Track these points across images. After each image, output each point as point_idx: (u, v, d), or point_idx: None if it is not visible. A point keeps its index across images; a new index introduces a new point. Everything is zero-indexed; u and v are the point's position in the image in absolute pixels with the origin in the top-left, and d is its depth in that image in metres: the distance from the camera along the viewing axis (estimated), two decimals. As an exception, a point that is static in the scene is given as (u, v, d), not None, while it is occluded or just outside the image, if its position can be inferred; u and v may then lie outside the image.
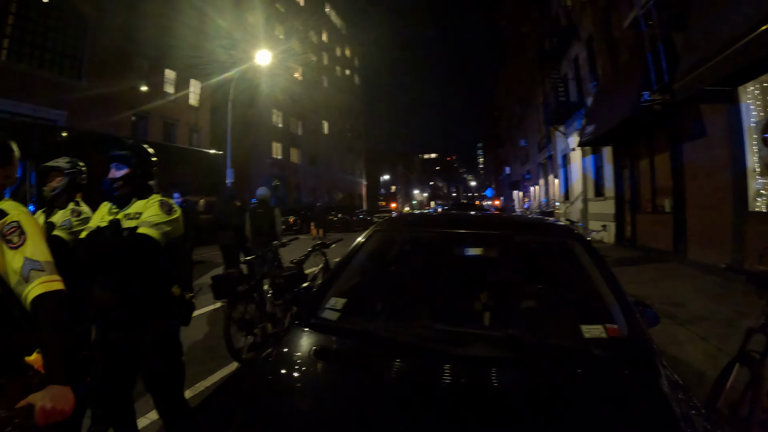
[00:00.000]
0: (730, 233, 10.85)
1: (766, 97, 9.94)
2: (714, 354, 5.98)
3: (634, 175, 18.20)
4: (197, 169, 20.97)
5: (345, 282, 3.33)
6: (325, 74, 68.63)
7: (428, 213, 5.93)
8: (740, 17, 8.16)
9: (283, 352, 2.51)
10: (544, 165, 39.82)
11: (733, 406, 3.56)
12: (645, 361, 2.35)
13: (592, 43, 21.85)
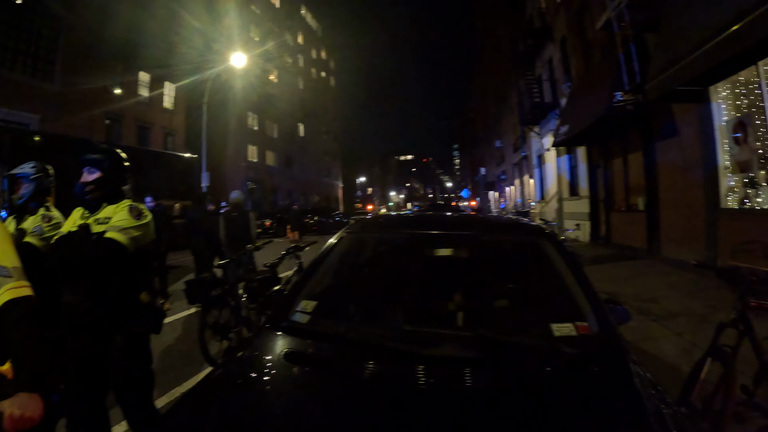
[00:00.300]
0: (702, 230, 11.06)
1: (736, 96, 10.16)
2: (688, 349, 6.07)
3: (608, 175, 18.44)
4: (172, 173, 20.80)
5: (316, 285, 3.32)
6: (300, 76, 68.16)
7: (402, 214, 5.93)
8: (711, 19, 8.31)
9: (254, 356, 2.49)
10: (519, 165, 40.11)
11: (706, 399, 3.62)
12: (615, 358, 2.38)
13: (566, 45, 22.11)
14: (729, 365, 3.58)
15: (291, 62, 64.31)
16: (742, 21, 7.25)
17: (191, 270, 11.22)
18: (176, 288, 9.27)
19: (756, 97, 9.29)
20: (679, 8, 10.48)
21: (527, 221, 4.63)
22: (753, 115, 9.48)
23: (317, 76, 75.99)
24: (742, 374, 4.01)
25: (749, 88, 9.60)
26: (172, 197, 19.21)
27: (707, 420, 3.55)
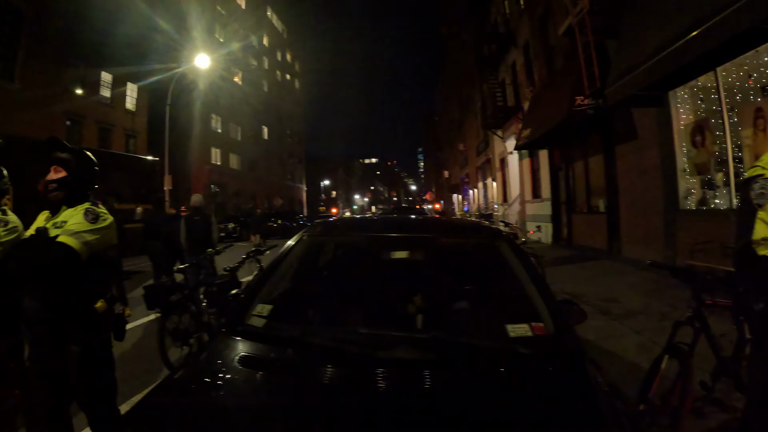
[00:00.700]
0: (662, 231, 11.37)
1: (694, 101, 10.47)
2: (648, 347, 6.16)
3: (570, 177, 18.75)
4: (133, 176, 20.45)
5: (273, 288, 3.29)
6: (265, 78, 67.55)
7: (363, 216, 5.92)
8: (669, 26, 8.53)
9: (208, 361, 2.46)
10: (482, 168, 40.49)
11: (665, 396, 3.68)
12: (570, 357, 2.41)
13: (529, 50, 22.44)
14: (685, 362, 3.64)
15: (256, 64, 63.65)
16: (699, 28, 7.46)
17: (151, 275, 11.04)
18: (136, 294, 9.08)
19: (714, 102, 9.59)
20: (638, 15, 10.75)
21: (485, 224, 4.66)
22: (711, 119, 9.80)
23: (282, 79, 75.39)
24: (701, 370, 4.12)
25: (707, 93, 9.90)
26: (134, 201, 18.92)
27: (666, 416, 3.59)
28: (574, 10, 13.22)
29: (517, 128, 22.90)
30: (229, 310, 3.12)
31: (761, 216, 2.64)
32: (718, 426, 4.00)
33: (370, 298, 3.31)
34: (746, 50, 8.24)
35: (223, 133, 54.01)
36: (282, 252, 3.51)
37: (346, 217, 7.78)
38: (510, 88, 27.23)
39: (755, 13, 6.34)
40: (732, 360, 3.89)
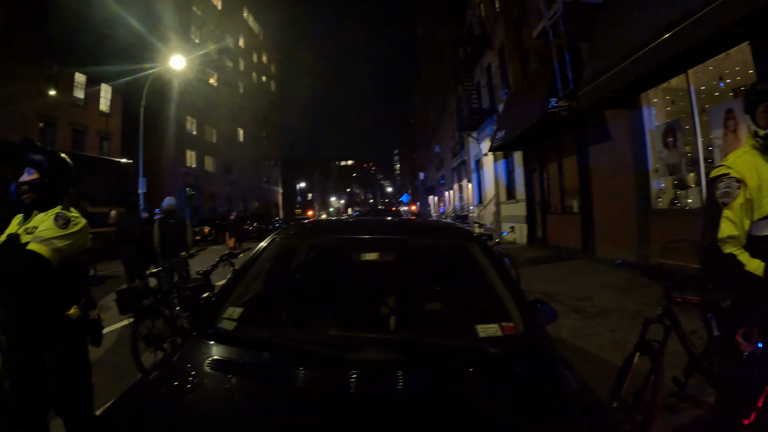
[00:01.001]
0: (635, 230, 11.54)
1: (666, 102, 10.68)
2: (622, 344, 6.20)
3: (544, 178, 18.96)
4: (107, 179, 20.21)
5: (245, 291, 3.26)
6: (241, 80, 66.88)
7: (337, 218, 5.90)
8: (641, 29, 8.69)
9: (179, 364, 2.43)
10: (458, 170, 40.66)
11: (637, 393, 3.74)
12: (540, 357, 2.43)
13: (504, 52, 22.63)
14: (656, 359, 3.69)
15: (231, 65, 63.05)
16: (670, 31, 7.62)
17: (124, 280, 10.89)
18: (109, 299, 8.91)
19: (685, 103, 9.79)
20: (611, 19, 10.92)
21: (458, 225, 4.68)
22: (682, 120, 10.00)
23: (258, 80, 74.78)
24: (674, 367, 4.20)
25: (679, 94, 10.12)
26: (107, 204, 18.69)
27: (639, 412, 3.65)
28: (548, 14, 13.35)
29: (492, 130, 23.06)
30: (199, 313, 3.09)
31: (726, 214, 2.68)
32: (691, 421, 4.05)
33: (343, 300, 3.30)
34: (717, 53, 8.44)
35: (198, 135, 53.29)
36: (254, 254, 3.48)
37: (319, 219, 7.69)
38: (485, 90, 27.44)
39: (726, 16, 6.50)
40: (704, 356, 3.93)
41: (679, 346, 3.99)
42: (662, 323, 3.91)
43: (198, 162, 52.80)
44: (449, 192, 47.58)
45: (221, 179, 58.05)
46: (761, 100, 2.73)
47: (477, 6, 27.60)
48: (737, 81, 8.41)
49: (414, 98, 75.96)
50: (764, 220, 2.67)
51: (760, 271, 2.57)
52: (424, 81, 58.27)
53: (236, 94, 64.22)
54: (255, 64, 74.08)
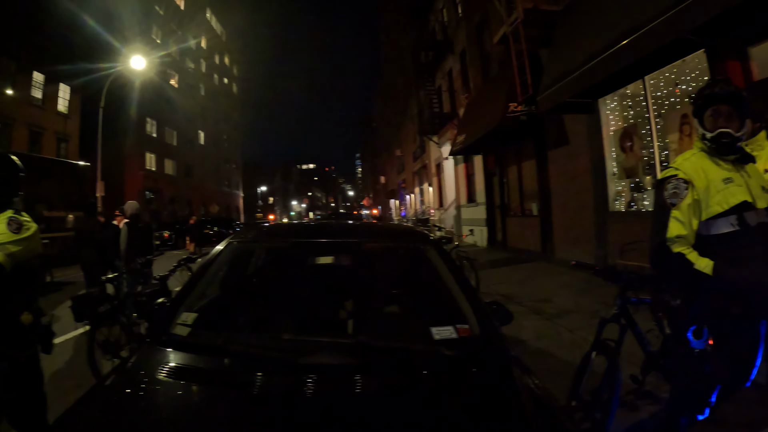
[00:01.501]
0: (593, 232, 11.78)
1: (623, 108, 10.94)
2: (581, 344, 6.21)
3: (504, 182, 19.19)
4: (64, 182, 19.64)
5: (200, 295, 3.21)
6: (202, 82, 65.93)
7: (295, 222, 5.81)
8: (600, 36, 8.90)
9: (132, 372, 2.37)
10: (419, 174, 40.86)
11: (595, 392, 3.77)
12: (496, 358, 2.45)
13: (465, 57, 22.88)
14: (612, 358, 3.75)
15: (193, 67, 62.08)
16: (628, 38, 7.80)
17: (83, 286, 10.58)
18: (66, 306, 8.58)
19: (642, 109, 10.06)
20: (571, 25, 11.16)
21: (416, 228, 4.69)
22: (639, 125, 10.27)
23: (220, 82, 73.82)
24: (632, 365, 4.28)
25: (636, 100, 10.38)
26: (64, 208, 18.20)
27: (598, 410, 3.69)
28: (509, 20, 13.51)
29: (452, 134, 23.29)
30: (153, 318, 3.04)
31: (675, 215, 2.76)
32: (649, 417, 4.09)
33: (300, 304, 3.29)
34: (673, 60, 8.70)
35: (158, 138, 52.22)
36: (209, 258, 3.41)
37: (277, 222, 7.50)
38: (446, 94, 27.71)
39: (682, 24, 6.68)
40: (660, 354, 4.01)
41: (637, 344, 4.06)
42: (618, 323, 3.95)
43: (158, 165, 51.70)
44: (410, 195, 47.72)
45: (181, 183, 57.00)
46: (708, 104, 2.83)
47: (440, 11, 27.82)
48: (693, 87, 8.66)
49: (376, 102, 76.03)
50: (712, 220, 2.76)
51: (709, 269, 2.65)
52: (387, 85, 58.36)
53: (197, 96, 63.22)
54: (217, 65, 73.12)
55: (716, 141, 2.80)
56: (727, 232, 2.75)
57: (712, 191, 2.76)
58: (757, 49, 7.22)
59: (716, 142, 2.80)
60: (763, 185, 2.91)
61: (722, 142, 2.79)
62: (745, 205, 2.75)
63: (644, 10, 7.52)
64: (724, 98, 2.79)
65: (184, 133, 59.01)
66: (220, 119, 71.29)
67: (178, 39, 53.64)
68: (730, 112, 2.78)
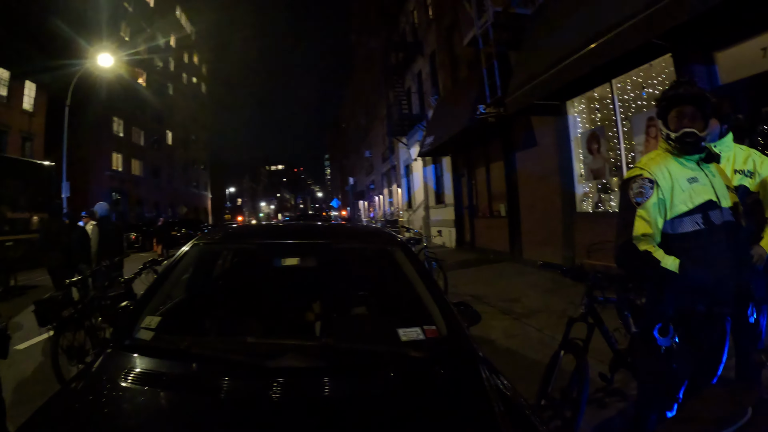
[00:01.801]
0: (560, 232, 11.91)
1: (591, 110, 11.11)
2: (549, 343, 6.31)
3: (472, 183, 19.36)
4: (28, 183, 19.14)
5: (164, 298, 3.14)
6: (171, 81, 64.76)
7: (261, 223, 5.75)
8: (568, 40, 9.01)
9: (95, 377, 2.30)
10: (387, 175, 40.92)
11: (564, 390, 3.81)
12: (463, 359, 2.43)
13: (435, 59, 22.99)
14: (581, 357, 3.78)
15: (161, 65, 60.99)
16: (596, 42, 7.93)
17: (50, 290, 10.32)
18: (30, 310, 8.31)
19: (609, 111, 10.23)
20: (540, 29, 11.30)
21: (384, 230, 4.68)
22: (606, 127, 10.45)
23: (188, 81, 72.62)
24: (600, 363, 4.33)
25: (603, 103, 10.55)
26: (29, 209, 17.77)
27: (568, 409, 3.73)
28: (479, 22, 13.60)
29: (421, 135, 23.33)
30: (116, 323, 2.98)
31: (640, 213, 2.80)
32: (618, 414, 4.19)
33: (268, 306, 3.26)
34: (641, 64, 8.86)
35: (125, 138, 51.08)
36: (173, 260, 3.34)
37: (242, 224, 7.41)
38: (415, 96, 27.81)
39: (650, 29, 6.81)
40: (628, 352, 4.05)
41: (605, 342, 4.11)
42: (585, 322, 4.00)
43: (124, 165, 50.55)
44: (379, 197, 47.72)
45: (148, 183, 55.87)
46: (672, 105, 2.87)
47: (410, 13, 27.92)
48: (659, 90, 8.77)
49: (345, 103, 75.81)
50: (677, 219, 2.80)
51: (675, 267, 2.69)
52: (356, 86, 58.23)
53: (165, 95, 62.02)
54: (186, 64, 71.96)
55: (681, 141, 2.84)
56: (692, 230, 2.79)
57: (677, 191, 2.80)
58: (722, 54, 7.40)
59: (681, 142, 2.84)
60: (728, 184, 2.96)
61: (686, 141, 2.82)
62: (710, 204, 2.79)
63: (613, 14, 7.65)
64: (688, 99, 2.83)
65: (152, 133, 57.99)
66: (188, 119, 70.13)
67: (146, 37, 52.57)
68: (694, 112, 2.82)
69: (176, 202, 62.84)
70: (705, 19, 6.36)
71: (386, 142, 37.14)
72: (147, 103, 54.53)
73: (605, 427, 4.03)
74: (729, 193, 2.90)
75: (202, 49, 79.20)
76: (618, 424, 4.03)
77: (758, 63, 6.68)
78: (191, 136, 72.80)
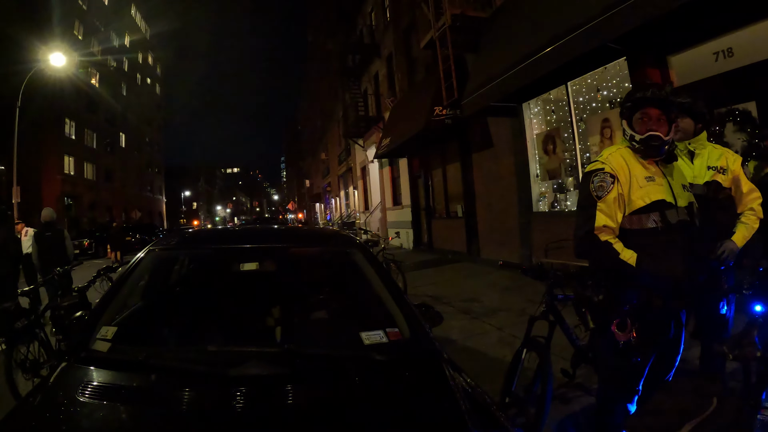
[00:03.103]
0: (517, 232, 12.10)
1: (547, 112, 11.34)
2: (510, 342, 6.37)
3: (429, 184, 19.48)
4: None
5: (120, 307, 3.04)
6: (124, 81, 62.77)
7: (219, 228, 5.65)
8: (525, 43, 9.19)
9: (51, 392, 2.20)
10: (344, 177, 40.76)
11: (528, 387, 3.88)
12: (428, 360, 2.44)
13: (392, 61, 23.01)
14: (543, 354, 3.83)
15: (115, 65, 59.10)
16: (552, 46, 8.10)
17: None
18: None
19: (564, 113, 10.46)
20: (497, 32, 11.47)
21: (343, 232, 4.68)
22: (561, 128, 10.67)
23: (142, 82, 70.54)
24: (562, 359, 4.41)
25: (559, 105, 10.78)
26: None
27: (532, 405, 3.78)
28: (436, 25, 13.69)
29: (377, 137, 23.42)
30: (71, 334, 2.88)
31: (600, 207, 2.85)
32: (582, 408, 4.25)
33: (226, 312, 3.19)
34: (596, 67, 9.10)
35: (77, 140, 49.00)
36: (128, 267, 3.22)
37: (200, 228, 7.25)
38: (372, 98, 27.80)
39: (605, 33, 7.00)
40: (588, 347, 4.11)
41: (566, 339, 4.17)
42: (546, 319, 4.07)
43: (77, 169, 48.56)
44: (336, 199, 47.55)
45: (101, 187, 53.80)
46: (638, 107, 2.92)
47: (368, 15, 27.87)
48: (614, 92, 9.08)
49: (302, 105, 75.35)
50: (635, 215, 2.86)
51: (633, 261, 2.76)
52: (313, 88, 57.85)
53: (119, 96, 59.93)
54: (140, 64, 69.81)
55: (645, 144, 2.89)
56: (649, 227, 2.85)
57: (635, 186, 2.87)
58: (676, 58, 7.68)
59: (646, 144, 2.89)
60: (684, 184, 3.05)
61: (652, 145, 2.88)
62: (666, 203, 2.86)
63: (569, 18, 7.82)
64: (654, 102, 2.89)
65: (105, 136, 55.92)
66: (142, 121, 67.90)
67: (101, 36, 51.06)
68: (660, 116, 2.88)
69: (130, 207, 60.90)
70: (658, 24, 6.57)
71: (342, 144, 37.03)
72: (100, 104, 52.86)
73: (569, 421, 4.09)
74: (685, 193, 2.98)
75: (156, 49, 77.26)
76: (582, 419, 4.09)
77: (711, 66, 6.97)
78: (145, 139, 70.73)
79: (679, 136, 3.69)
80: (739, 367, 3.13)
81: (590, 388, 4.51)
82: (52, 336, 5.92)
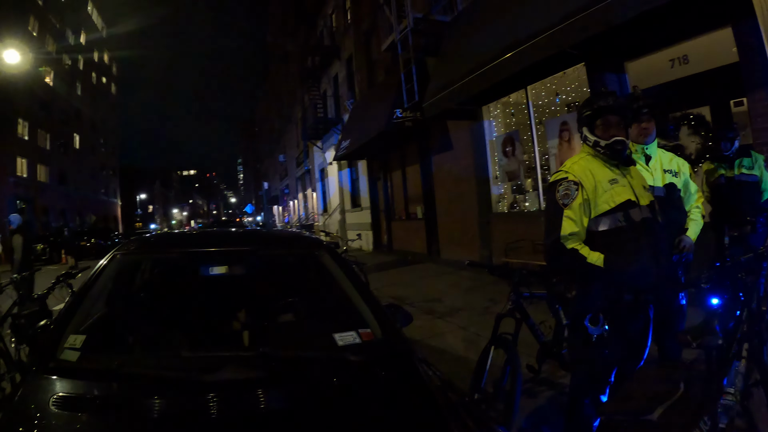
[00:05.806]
0: (477, 233, 12.27)
1: (506, 115, 11.57)
2: (474, 340, 6.45)
3: (388, 186, 19.63)
4: None
5: (86, 315, 2.93)
6: (79, 80, 60.56)
7: (182, 231, 5.57)
8: (486, 47, 9.34)
9: (19, 406, 2.12)
10: (302, 179, 40.52)
11: (496, 383, 3.91)
12: (401, 359, 2.47)
13: (352, 63, 22.99)
14: (511, 351, 3.91)
15: (70, 63, 56.92)
16: (513, 51, 8.26)
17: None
18: None
19: (524, 116, 10.66)
20: (458, 36, 11.61)
21: (306, 234, 4.69)
22: (521, 131, 10.89)
23: (98, 82, 68.23)
24: (528, 355, 4.46)
25: (518, 108, 11.00)
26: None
27: (501, 401, 3.84)
28: (398, 28, 13.76)
29: (337, 139, 23.41)
30: (37, 344, 2.78)
31: (567, 214, 2.95)
32: (548, 402, 4.40)
33: (193, 318, 3.15)
34: (555, 72, 9.34)
35: (30, 141, 46.85)
36: (93, 273, 3.14)
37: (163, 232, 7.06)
38: (331, 99, 27.75)
39: (564, 39, 7.20)
40: (553, 343, 4.27)
41: (531, 336, 4.29)
42: (513, 317, 4.13)
43: (30, 171, 46.44)
44: (294, 201, 47.24)
45: (55, 191, 51.61)
46: (599, 115, 3.03)
47: (329, 16, 27.79)
48: (572, 96, 9.33)
49: (259, 106, 74.62)
50: (601, 217, 2.97)
51: (600, 262, 2.87)
52: (271, 90, 57.34)
53: (73, 96, 57.88)
54: (95, 63, 67.54)
55: (611, 148, 3.00)
56: (614, 227, 2.96)
57: (600, 191, 2.96)
58: (633, 64, 7.97)
59: (611, 149, 3.00)
60: (644, 185, 3.19)
61: (617, 149, 2.99)
62: (630, 203, 2.97)
63: (529, 24, 8.00)
64: (615, 109, 3.01)
65: (59, 137, 53.74)
66: (97, 121, 65.78)
67: (56, 32, 49.46)
68: (619, 121, 3.01)
69: (85, 210, 59.18)
70: (616, 31, 6.75)
71: (301, 146, 36.78)
72: (54, 103, 50.93)
73: (537, 414, 4.20)
74: (645, 193, 3.11)
75: (113, 48, 74.68)
76: (549, 412, 4.20)
77: (666, 72, 7.25)
78: (100, 140, 68.46)
79: (641, 140, 3.86)
80: (698, 356, 3.29)
81: (555, 382, 4.65)
82: (11, 346, 5.76)
